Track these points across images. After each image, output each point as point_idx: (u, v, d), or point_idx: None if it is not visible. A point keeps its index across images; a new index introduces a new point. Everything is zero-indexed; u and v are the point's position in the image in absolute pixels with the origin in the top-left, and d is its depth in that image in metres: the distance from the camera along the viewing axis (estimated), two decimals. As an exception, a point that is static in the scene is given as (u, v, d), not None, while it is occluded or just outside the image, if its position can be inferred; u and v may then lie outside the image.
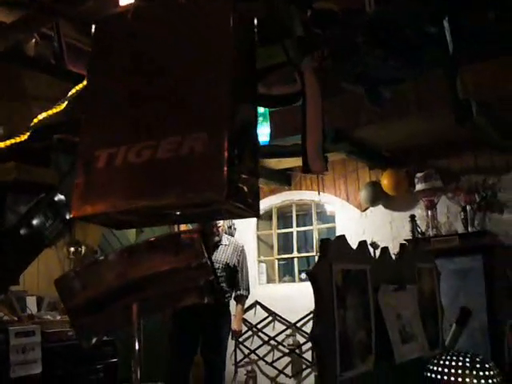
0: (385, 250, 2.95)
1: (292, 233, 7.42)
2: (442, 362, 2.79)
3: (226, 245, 5.93)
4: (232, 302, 5.99)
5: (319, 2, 3.34)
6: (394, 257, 3.12)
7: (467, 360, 2.75)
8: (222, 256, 5.82)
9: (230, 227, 7.26)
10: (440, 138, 6.15)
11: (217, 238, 5.89)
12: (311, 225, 7.32)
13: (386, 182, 6.47)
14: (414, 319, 3.01)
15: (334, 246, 2.47)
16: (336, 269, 2.39)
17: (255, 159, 1.78)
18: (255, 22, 1.95)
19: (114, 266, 2.56)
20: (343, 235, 2.66)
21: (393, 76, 3.17)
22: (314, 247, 7.14)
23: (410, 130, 5.92)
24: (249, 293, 6.05)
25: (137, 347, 2.46)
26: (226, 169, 1.55)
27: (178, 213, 1.75)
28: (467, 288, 5.83)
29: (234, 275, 5.88)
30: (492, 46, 5.12)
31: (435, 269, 3.44)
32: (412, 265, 3.14)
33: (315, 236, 7.19)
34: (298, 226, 7.42)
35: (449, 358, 2.79)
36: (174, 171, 1.60)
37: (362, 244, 2.78)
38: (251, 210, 1.69)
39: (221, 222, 5.92)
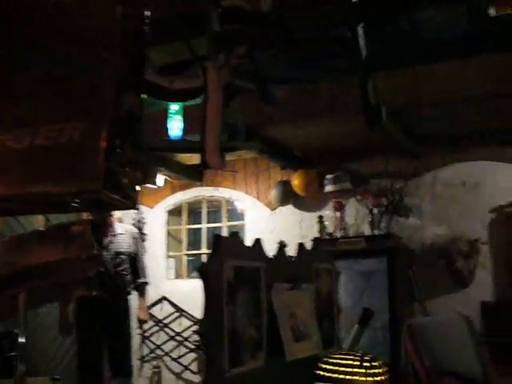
0: (281, 248, 2.96)
1: (202, 229, 7.39)
2: (332, 361, 2.82)
3: (122, 233, 5.79)
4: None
5: (229, -1, 3.34)
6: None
7: (357, 358, 2.79)
8: (122, 246, 5.69)
9: (139, 220, 7.18)
10: (352, 141, 6.23)
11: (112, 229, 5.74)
12: (221, 222, 7.31)
13: (296, 182, 6.52)
14: (308, 318, 3.04)
15: (226, 242, 2.46)
16: (227, 265, 2.38)
17: (138, 152, 1.75)
18: (145, 15, 1.92)
19: (2, 254, 2.48)
20: (236, 232, 2.66)
21: (284, 76, 3.19)
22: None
23: (323, 132, 5.99)
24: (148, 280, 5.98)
25: (22, 340, 2.39)
26: (103, 159, 1.51)
27: (75, 201, 1.70)
28: (371, 289, 5.96)
29: (136, 264, 5.77)
30: (407, 54, 5.25)
31: (334, 269, 3.47)
32: (309, 265, 3.16)
33: (224, 233, 7.19)
34: (208, 223, 7.40)
35: (339, 356, 2.82)
36: (53, 159, 1.56)
37: (257, 242, 2.79)
38: (129, 202, 1.66)
39: (115, 212, 5.75)
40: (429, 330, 4.94)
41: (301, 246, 3.16)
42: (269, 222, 6.90)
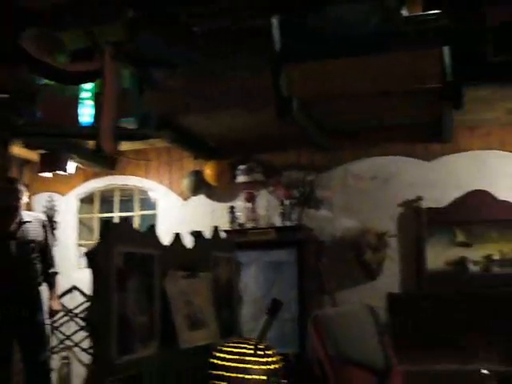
0: (177, 236, 2.94)
1: (114, 218, 7.28)
2: (226, 349, 2.82)
3: (30, 221, 5.45)
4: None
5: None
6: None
7: (251, 347, 2.79)
8: (31, 234, 5.40)
9: (50, 208, 7.03)
10: (265, 133, 6.25)
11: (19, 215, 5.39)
12: (134, 211, 7.23)
13: (208, 172, 6.50)
14: (205, 306, 3.03)
15: (116, 228, 2.42)
16: (117, 251, 2.34)
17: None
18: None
19: None
20: (128, 218, 2.62)
21: (164, 59, 3.18)
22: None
23: (236, 123, 5.99)
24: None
25: None
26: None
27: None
28: (281, 280, 6.00)
29: (45, 253, 5.55)
30: (319, 48, 5.30)
31: (234, 258, 3.47)
32: (208, 253, 3.15)
33: (137, 222, 7.11)
34: (120, 212, 7.29)
35: (234, 344, 2.82)
36: None
37: (151, 229, 2.76)
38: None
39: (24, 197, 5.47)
40: (333, 321, 5.00)
41: (198, 234, 3.14)
42: (181, 211, 6.86)
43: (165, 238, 3.04)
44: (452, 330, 6.05)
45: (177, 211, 6.87)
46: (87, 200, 7.46)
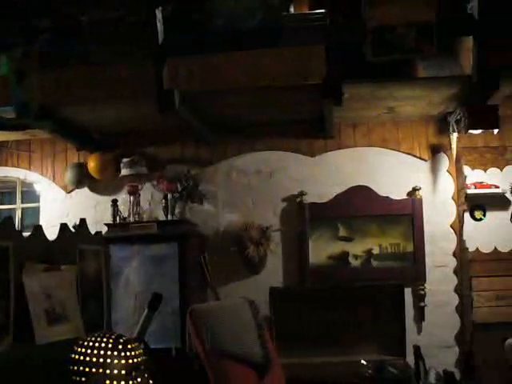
0: (38, 228, 2.87)
1: (-6, 210, 7.06)
2: (86, 344, 2.76)
3: None
4: None
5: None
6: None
7: (111, 341, 2.74)
8: None
9: None
10: (149, 126, 6.22)
11: None
12: (15, 203, 7.01)
13: (92, 164, 6.39)
14: (68, 300, 2.96)
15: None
16: (-35, 243, 2.26)
17: None
18: None
19: None
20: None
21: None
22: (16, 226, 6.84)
23: (120, 115, 5.92)
24: None
25: None
26: None
27: None
28: (163, 274, 5.96)
29: None
30: (204, 41, 5.30)
31: (103, 251, 3.42)
32: (73, 246, 3.08)
33: (18, 215, 6.90)
34: (1, 204, 7.07)
35: (94, 339, 2.76)
36: None
37: (7, 220, 2.68)
38: None
39: None
40: (211, 315, 5.01)
41: (63, 226, 3.08)
42: (64, 204, 6.71)
43: (48, 231, 2.96)
44: (332, 323, 6.19)
45: (60, 204, 6.72)
46: (-34, 191, 7.20)
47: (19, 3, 5.18)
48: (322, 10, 5.20)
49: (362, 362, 5.78)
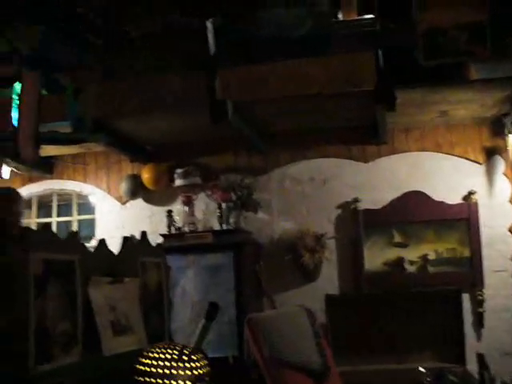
0: (102, 241, 2.92)
1: (52, 223, 7.17)
2: (152, 355, 2.79)
3: None
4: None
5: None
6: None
7: (176, 352, 2.77)
8: None
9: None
10: (202, 136, 6.27)
11: None
12: (72, 215, 7.14)
13: (146, 175, 6.47)
14: (132, 312, 3.00)
15: (35, 234, 2.39)
16: (35, 258, 2.31)
17: None
18: None
19: None
20: (47, 224, 2.59)
21: (70, 62, 3.15)
22: (75, 239, 6.94)
23: (173, 126, 5.98)
24: None
25: None
26: None
27: None
28: (219, 283, 5.99)
29: None
30: (256, 50, 5.33)
31: (164, 263, 3.46)
32: (135, 258, 3.13)
33: (75, 227, 7.02)
34: (58, 216, 7.20)
35: (158, 350, 2.80)
36: None
37: (73, 234, 2.73)
38: None
39: None
40: (269, 323, 5.02)
41: (125, 239, 3.12)
42: (119, 215, 6.81)
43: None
44: (389, 330, 6.14)
45: (115, 215, 6.81)
46: (25, 205, 7.33)
47: (72, 19, 5.28)
48: (372, 16, 5.18)
49: (420, 369, 5.70)
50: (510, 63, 5.04)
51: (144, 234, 3.33)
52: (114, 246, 3.09)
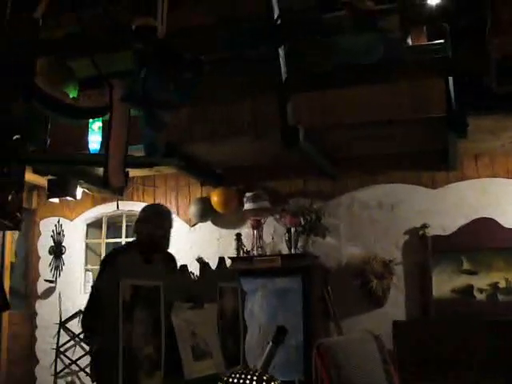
0: (183, 267, 2.98)
1: (121, 243, 7.31)
2: (231, 380, 2.84)
3: None
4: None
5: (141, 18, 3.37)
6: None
7: (254, 378, 2.82)
8: None
9: (58, 233, 7.10)
10: (271, 160, 6.33)
11: None
12: (141, 237, 7.26)
13: (215, 198, 6.56)
14: (210, 337, 3.05)
15: (122, 259, 2.46)
16: (124, 283, 2.38)
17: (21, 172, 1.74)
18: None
19: None
20: (133, 247, 2.65)
21: (170, 100, 3.22)
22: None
23: (242, 150, 6.06)
24: None
25: None
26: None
27: None
28: (286, 307, 6.02)
29: None
30: (327, 76, 5.37)
31: (239, 288, 3.51)
32: (213, 283, 3.18)
33: (144, 248, 7.14)
34: (127, 237, 7.34)
35: (238, 375, 2.85)
36: None
37: (158, 258, 2.80)
38: (13, 224, 1.66)
39: None
40: (338, 349, 5.01)
41: (204, 264, 3.18)
42: (188, 238, 6.91)
43: None
44: (457, 359, 6.05)
45: (184, 237, 6.91)
46: (95, 225, 7.52)
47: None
48: (442, 41, 5.17)
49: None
50: None
51: (222, 259, 3.39)
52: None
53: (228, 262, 6.06)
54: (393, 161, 6.42)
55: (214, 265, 5.23)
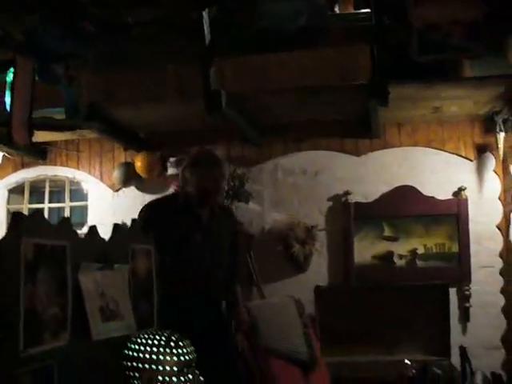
0: (93, 228, 2.95)
1: (44, 209, 7.18)
2: (139, 341, 2.85)
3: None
4: None
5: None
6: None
7: (163, 338, 2.83)
8: None
9: None
10: (196, 126, 6.29)
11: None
12: (64, 202, 7.16)
13: (139, 163, 6.50)
14: (121, 299, 3.04)
15: (26, 219, 2.42)
16: (26, 243, 2.34)
17: None
18: None
19: None
20: (39, 210, 2.61)
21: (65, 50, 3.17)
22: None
23: (167, 115, 5.99)
24: None
25: None
26: None
27: None
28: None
29: None
30: (252, 42, 5.34)
31: (152, 249, 3.50)
32: (125, 245, 3.16)
33: (67, 213, 7.05)
34: (50, 202, 7.21)
35: (146, 336, 2.85)
36: None
37: (65, 220, 2.76)
38: None
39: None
40: (257, 312, 5.07)
41: (116, 226, 3.15)
42: (112, 203, 6.83)
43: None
44: (377, 323, 6.20)
45: (107, 203, 6.84)
46: (17, 190, 7.35)
47: (68, 6, 5.29)
48: (368, 10, 5.20)
49: (406, 361, 5.78)
50: (504, 61, 5.08)
51: (134, 221, 3.37)
52: (106, 233, 3.12)
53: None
54: (317, 128, 6.46)
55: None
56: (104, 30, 5.43)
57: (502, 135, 6.08)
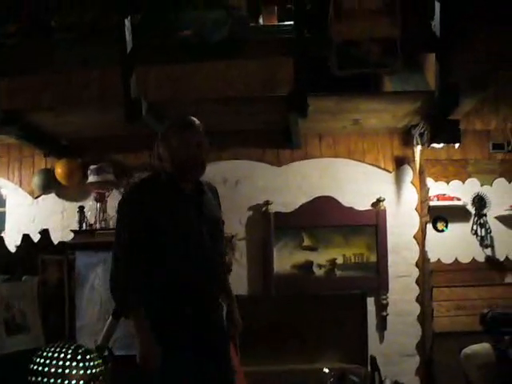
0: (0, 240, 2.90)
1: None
2: (45, 354, 2.81)
3: None
4: None
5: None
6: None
7: (70, 351, 2.80)
8: None
9: None
10: (117, 133, 6.22)
11: None
12: (-19, 208, 6.99)
13: (59, 170, 6.39)
14: (29, 310, 3.00)
15: None
16: None
17: None
18: None
19: None
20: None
21: None
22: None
23: (89, 121, 5.93)
24: None
25: None
26: None
27: None
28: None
29: None
30: (176, 49, 5.33)
31: (67, 261, 3.45)
32: (35, 256, 3.12)
33: (-17, 220, 6.88)
34: (-32, 206, 7.02)
35: (53, 349, 2.82)
36: None
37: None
38: None
39: None
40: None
41: (25, 237, 3.11)
42: (30, 210, 6.68)
43: (14, 236, 2.98)
44: (296, 332, 6.25)
45: (26, 209, 6.69)
46: None
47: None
48: (290, 23, 5.26)
49: (325, 370, 5.85)
50: (420, 77, 5.23)
51: (46, 231, 3.32)
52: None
53: (71, 236, 5.92)
54: (238, 137, 6.49)
55: (57, 238, 5.12)
56: (25, 33, 5.36)
57: (418, 148, 6.26)
